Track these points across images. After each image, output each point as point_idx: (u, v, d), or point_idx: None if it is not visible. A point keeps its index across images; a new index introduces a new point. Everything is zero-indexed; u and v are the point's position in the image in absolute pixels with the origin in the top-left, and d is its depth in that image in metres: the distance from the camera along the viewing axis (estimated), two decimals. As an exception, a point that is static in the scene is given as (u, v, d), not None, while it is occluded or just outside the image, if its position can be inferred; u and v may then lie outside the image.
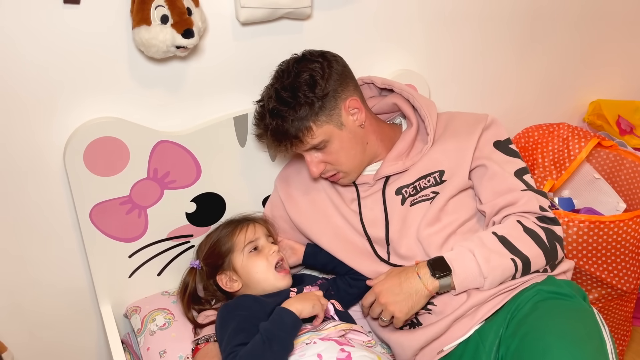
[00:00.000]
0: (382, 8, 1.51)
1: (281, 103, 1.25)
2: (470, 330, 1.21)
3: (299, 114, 1.24)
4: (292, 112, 1.24)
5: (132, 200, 1.36)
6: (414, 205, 1.31)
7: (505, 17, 1.71)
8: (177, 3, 1.18)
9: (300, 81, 1.25)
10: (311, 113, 1.24)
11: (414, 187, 1.32)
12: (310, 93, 1.24)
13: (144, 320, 1.40)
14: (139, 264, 1.44)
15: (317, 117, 1.25)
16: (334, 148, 1.28)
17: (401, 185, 1.32)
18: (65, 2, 1.17)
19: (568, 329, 1.09)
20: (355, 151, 1.31)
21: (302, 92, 1.24)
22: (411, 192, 1.31)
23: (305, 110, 1.24)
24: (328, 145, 1.28)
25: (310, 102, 1.24)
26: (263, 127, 1.30)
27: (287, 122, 1.25)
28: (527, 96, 1.90)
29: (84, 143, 1.26)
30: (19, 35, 1.17)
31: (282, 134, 1.26)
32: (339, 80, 1.28)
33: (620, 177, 1.73)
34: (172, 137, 1.35)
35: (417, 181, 1.32)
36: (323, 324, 1.21)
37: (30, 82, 1.22)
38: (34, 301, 1.45)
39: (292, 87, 1.25)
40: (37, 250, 1.39)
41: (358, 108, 1.30)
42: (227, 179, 1.45)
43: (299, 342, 1.13)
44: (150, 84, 1.33)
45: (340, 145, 1.28)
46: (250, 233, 1.34)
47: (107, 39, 1.24)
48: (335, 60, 1.30)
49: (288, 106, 1.25)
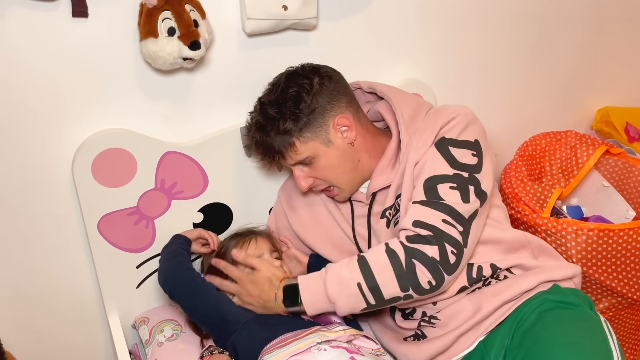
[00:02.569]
0: (388, 18, 1.51)
1: (266, 117, 1.25)
2: (475, 342, 1.20)
3: (282, 128, 1.23)
4: (275, 127, 1.23)
5: (139, 211, 1.36)
6: (397, 224, 1.25)
7: (511, 24, 1.71)
8: (184, 15, 1.19)
9: (286, 96, 1.24)
10: (295, 129, 1.23)
11: (394, 207, 1.28)
12: (295, 109, 1.23)
13: (152, 331, 1.40)
14: (146, 274, 1.44)
15: (301, 133, 1.23)
16: (321, 165, 1.26)
17: (385, 208, 1.28)
18: (74, 15, 1.19)
19: (574, 339, 1.08)
20: (343, 169, 1.28)
21: (287, 108, 1.23)
22: (393, 213, 1.28)
23: (289, 125, 1.23)
24: (314, 161, 1.26)
25: (295, 117, 1.23)
26: (250, 138, 1.31)
27: (269, 137, 1.24)
28: (534, 104, 1.89)
29: (92, 154, 1.27)
30: (27, 48, 1.19)
31: (265, 148, 1.27)
32: (328, 97, 1.25)
33: (629, 184, 1.72)
34: (179, 148, 1.36)
35: (395, 200, 1.27)
36: (332, 326, 1.21)
37: (39, 94, 1.23)
38: (42, 312, 1.45)
39: (278, 102, 1.25)
40: (46, 261, 1.40)
41: (348, 126, 1.26)
42: (234, 189, 1.45)
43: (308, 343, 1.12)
44: (158, 96, 1.34)
45: (327, 162, 1.26)
46: (252, 249, 1.34)
47: (115, 51, 1.25)
48: (328, 77, 1.27)
49: (272, 121, 1.24)
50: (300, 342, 1.12)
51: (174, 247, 1.35)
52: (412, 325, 1.27)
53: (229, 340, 1.22)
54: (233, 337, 1.21)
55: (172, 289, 1.27)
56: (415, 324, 1.26)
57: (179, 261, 1.31)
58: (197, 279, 1.27)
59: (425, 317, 1.25)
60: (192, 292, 1.25)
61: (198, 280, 1.27)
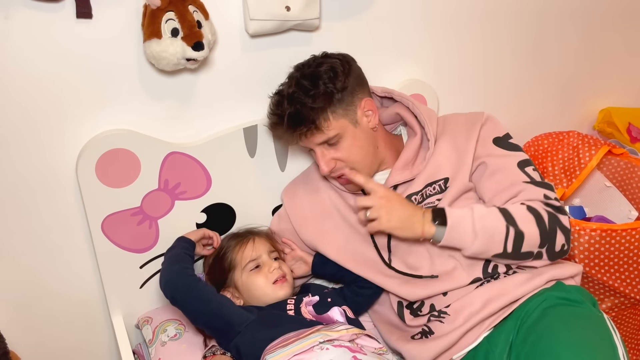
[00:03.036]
0: (390, 19, 1.52)
1: (301, 89, 1.26)
2: (480, 337, 1.21)
3: (318, 102, 1.24)
4: (311, 99, 1.24)
5: (143, 211, 1.37)
6: None
7: (513, 25, 1.71)
8: (188, 16, 1.20)
9: (321, 71, 1.26)
10: (329, 103, 1.25)
11: (421, 194, 1.31)
12: (330, 84, 1.25)
13: (155, 330, 1.40)
14: (150, 274, 1.44)
15: (334, 108, 1.25)
16: (347, 144, 1.28)
17: (410, 193, 1.31)
18: (78, 16, 1.19)
19: (578, 336, 1.09)
20: (366, 152, 1.31)
21: (323, 82, 1.25)
22: (419, 200, 1.31)
23: (324, 99, 1.24)
24: (341, 141, 1.28)
25: (330, 92, 1.25)
26: (279, 114, 1.28)
27: (305, 108, 1.24)
28: (536, 104, 1.89)
29: (95, 155, 1.27)
30: (31, 49, 1.19)
31: (299, 120, 1.25)
32: (357, 79, 1.30)
33: (632, 184, 1.72)
34: (182, 149, 1.36)
35: (424, 189, 1.31)
36: (335, 325, 1.21)
37: (42, 95, 1.24)
38: (46, 312, 1.46)
39: (313, 76, 1.26)
40: (49, 261, 1.40)
41: (372, 110, 1.31)
42: (237, 189, 1.46)
43: (310, 342, 1.13)
44: (161, 96, 1.34)
45: (353, 142, 1.29)
46: (249, 251, 1.35)
47: (119, 52, 1.26)
48: (354, 62, 1.33)
49: (307, 93, 1.25)
50: (302, 341, 1.12)
51: (177, 251, 1.33)
52: (420, 322, 1.28)
53: (232, 342, 1.22)
54: (237, 339, 1.21)
55: (173, 294, 1.25)
56: (423, 320, 1.27)
57: (180, 267, 1.28)
58: (198, 284, 1.26)
59: (435, 312, 1.26)
60: (194, 297, 1.24)
61: (200, 285, 1.26)
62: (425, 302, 1.27)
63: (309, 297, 1.32)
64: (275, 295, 1.31)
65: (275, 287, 1.32)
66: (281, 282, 1.33)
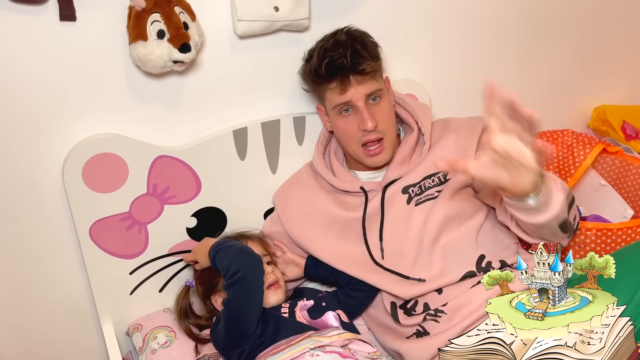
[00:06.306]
0: (380, 19, 1.50)
1: (357, 36, 1.30)
2: None
3: (374, 49, 1.30)
4: (371, 42, 1.31)
5: (132, 216, 1.35)
6: (418, 205, 1.31)
7: (507, 24, 1.70)
8: (174, 18, 1.18)
9: (363, 31, 1.33)
10: (378, 56, 1.31)
11: (419, 186, 1.32)
12: (376, 46, 1.32)
13: (145, 338, 1.38)
14: (140, 280, 1.42)
15: (379, 64, 1.31)
16: (385, 106, 1.32)
17: (408, 185, 1.32)
18: (62, 19, 1.17)
19: None
20: (394, 120, 1.36)
21: (370, 38, 1.32)
22: (417, 192, 1.32)
23: (377, 50, 1.32)
24: (380, 101, 1.31)
25: (376, 46, 1.32)
26: (340, 51, 1.26)
27: (367, 47, 1.28)
28: (530, 103, 1.85)
29: (82, 160, 1.25)
30: (15, 53, 1.17)
31: (363, 55, 1.26)
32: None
33: (627, 183, 1.71)
34: (171, 152, 1.34)
35: (422, 181, 1.32)
36: (327, 331, 1.19)
37: (27, 99, 1.22)
38: (35, 320, 1.44)
39: (359, 31, 1.32)
40: (37, 268, 1.38)
41: (390, 91, 1.36)
42: (228, 193, 1.44)
43: (301, 349, 1.11)
44: (148, 99, 1.32)
45: (388, 105, 1.33)
46: None
47: (104, 55, 1.24)
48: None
49: (365, 38, 1.31)
50: (293, 348, 1.10)
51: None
52: (415, 322, 1.26)
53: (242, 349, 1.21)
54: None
55: (245, 273, 1.19)
56: (418, 320, 1.26)
57: (256, 259, 1.24)
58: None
59: (430, 311, 1.24)
60: (260, 287, 1.22)
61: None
62: (418, 300, 1.26)
63: (303, 302, 1.30)
64: (268, 301, 1.29)
65: (268, 292, 1.29)
66: (275, 287, 1.31)
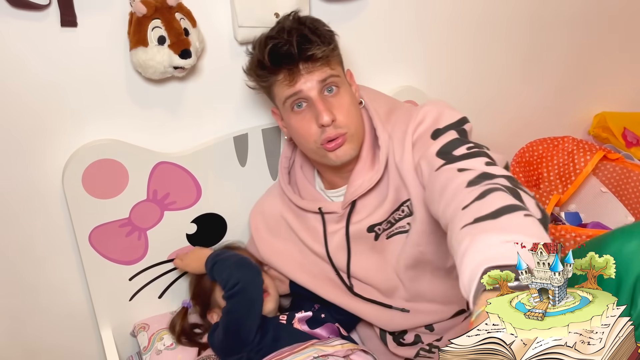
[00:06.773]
0: (381, 25, 1.50)
1: (305, 20, 1.11)
2: None
3: (326, 31, 1.11)
4: (322, 25, 1.12)
5: (131, 223, 1.34)
6: (390, 237, 1.19)
7: (507, 30, 1.70)
8: (174, 24, 1.18)
9: (314, 17, 1.14)
10: (332, 42, 1.11)
11: (387, 222, 1.18)
12: (330, 31, 1.12)
13: (151, 338, 1.38)
14: (139, 286, 1.42)
15: (335, 48, 1.12)
16: (345, 99, 1.11)
17: (372, 224, 1.18)
18: (63, 24, 1.17)
19: None
20: (357, 113, 1.14)
21: (321, 24, 1.13)
22: (385, 227, 1.18)
23: (330, 34, 1.11)
24: (339, 91, 1.11)
25: (331, 33, 1.12)
26: (285, 37, 1.07)
27: (317, 32, 1.09)
28: (530, 110, 1.88)
29: (82, 166, 1.25)
30: (15, 58, 1.17)
31: (311, 39, 1.07)
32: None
33: (628, 190, 1.70)
34: (171, 158, 1.34)
35: (390, 216, 1.17)
36: (330, 340, 1.19)
37: (28, 106, 1.22)
38: (34, 326, 1.43)
39: (312, 18, 1.13)
40: (37, 274, 1.38)
41: (355, 86, 1.18)
42: (228, 199, 1.43)
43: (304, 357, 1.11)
44: (149, 105, 1.32)
45: (351, 100, 1.13)
46: None
47: (105, 61, 1.24)
48: None
49: (314, 21, 1.11)
50: (296, 356, 1.10)
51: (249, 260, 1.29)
52: (406, 354, 1.22)
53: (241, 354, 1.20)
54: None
55: (245, 285, 1.20)
56: (410, 353, 1.22)
57: (256, 270, 1.25)
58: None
59: (424, 346, 1.20)
60: (258, 299, 1.22)
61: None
62: (408, 331, 1.20)
63: (301, 313, 1.28)
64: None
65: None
66: (264, 295, 1.26)
